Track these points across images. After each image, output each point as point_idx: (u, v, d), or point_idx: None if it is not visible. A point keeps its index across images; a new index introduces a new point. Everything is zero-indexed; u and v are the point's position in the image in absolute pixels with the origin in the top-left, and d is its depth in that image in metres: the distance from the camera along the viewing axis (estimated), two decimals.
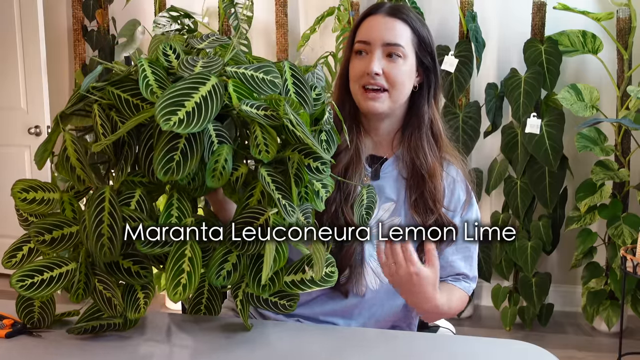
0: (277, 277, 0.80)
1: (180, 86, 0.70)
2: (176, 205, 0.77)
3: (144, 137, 0.77)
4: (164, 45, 0.80)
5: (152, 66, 0.75)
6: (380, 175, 1.12)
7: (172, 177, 0.71)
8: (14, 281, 0.77)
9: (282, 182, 0.77)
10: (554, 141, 2.61)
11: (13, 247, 0.83)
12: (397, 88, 1.07)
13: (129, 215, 0.76)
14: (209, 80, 0.72)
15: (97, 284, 0.81)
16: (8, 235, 3.45)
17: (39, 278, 0.78)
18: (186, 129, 0.68)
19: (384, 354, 0.86)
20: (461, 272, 1.14)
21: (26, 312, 0.87)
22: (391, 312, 1.13)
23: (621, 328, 2.27)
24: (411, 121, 1.12)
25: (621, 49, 2.62)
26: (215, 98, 0.71)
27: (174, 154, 0.71)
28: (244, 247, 0.77)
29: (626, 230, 2.52)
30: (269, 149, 0.75)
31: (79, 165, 0.80)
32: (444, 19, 2.87)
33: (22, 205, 0.81)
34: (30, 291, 0.77)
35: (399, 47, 1.06)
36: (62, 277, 0.79)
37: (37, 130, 3.24)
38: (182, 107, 0.68)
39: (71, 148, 0.79)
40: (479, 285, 3.02)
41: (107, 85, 0.77)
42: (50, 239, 0.79)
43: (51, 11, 3.43)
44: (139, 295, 0.82)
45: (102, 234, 0.75)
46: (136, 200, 0.78)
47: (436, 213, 1.08)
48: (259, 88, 0.78)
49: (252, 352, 0.85)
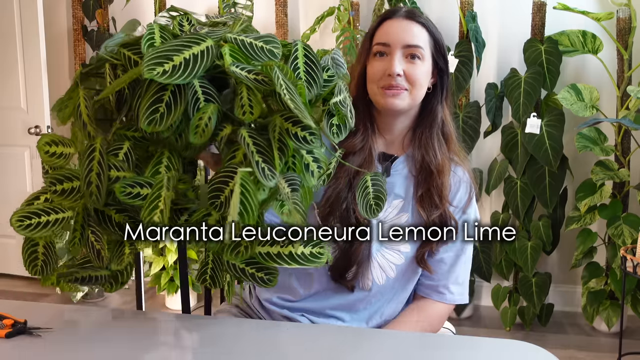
0: (251, 245, 0.79)
1: (174, 43, 0.73)
2: (165, 163, 0.81)
3: (137, 91, 0.80)
4: (181, 17, 0.84)
5: (162, 31, 0.79)
6: (391, 173, 1.13)
7: (156, 127, 0.74)
8: (14, 220, 0.82)
9: (264, 147, 0.77)
10: (554, 141, 2.61)
11: (33, 196, 0.88)
12: (417, 87, 1.09)
13: (114, 165, 0.80)
14: (204, 41, 0.75)
15: (90, 235, 0.85)
16: (8, 235, 3.47)
17: (36, 220, 0.82)
18: (168, 79, 0.71)
19: (384, 354, 0.86)
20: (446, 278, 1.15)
21: (31, 259, 0.89)
22: (396, 307, 1.16)
23: (621, 328, 2.27)
24: (424, 121, 1.15)
25: (621, 49, 2.62)
26: (205, 57, 0.74)
27: (159, 106, 0.74)
28: (221, 207, 0.77)
29: (626, 230, 2.52)
30: (253, 111, 0.77)
31: (89, 121, 0.84)
32: (444, 19, 2.87)
33: (45, 157, 0.86)
34: (27, 231, 0.82)
35: (419, 49, 1.09)
36: (58, 222, 0.83)
37: (37, 130, 3.23)
38: (169, 61, 0.72)
39: (83, 104, 0.84)
40: (479, 285, 3.02)
41: (119, 48, 0.82)
42: (61, 190, 0.84)
43: (51, 11, 3.43)
44: (126, 251, 0.87)
45: (91, 182, 0.79)
46: (124, 152, 0.82)
47: (441, 209, 1.10)
48: (256, 55, 0.80)
49: (251, 352, 0.85)
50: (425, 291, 1.17)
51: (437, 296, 1.16)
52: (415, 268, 1.14)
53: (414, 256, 1.12)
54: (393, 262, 1.11)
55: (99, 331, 0.90)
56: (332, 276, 1.11)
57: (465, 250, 1.16)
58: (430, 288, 1.16)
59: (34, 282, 3.39)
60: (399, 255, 1.11)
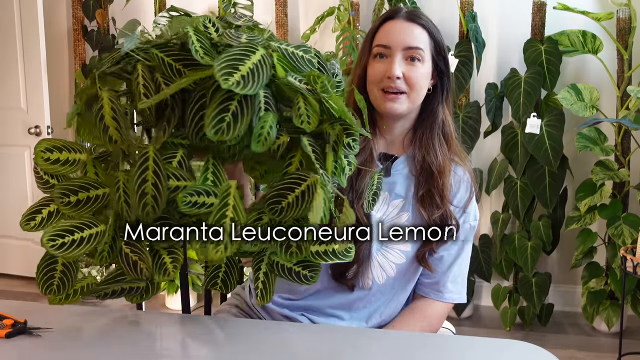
0: (304, 245, 0.82)
1: (234, 51, 0.73)
2: (211, 169, 0.79)
3: (193, 99, 0.78)
4: (204, 19, 0.82)
5: (198, 35, 0.77)
6: (392, 172, 1.14)
7: (222, 137, 0.73)
8: (45, 240, 0.76)
9: (319, 153, 0.80)
10: (554, 141, 2.61)
11: (31, 209, 0.82)
12: (416, 90, 1.10)
13: (172, 173, 0.77)
14: (257, 50, 0.75)
15: (124, 246, 0.81)
16: (8, 236, 3.47)
17: (69, 238, 0.77)
18: (243, 89, 0.71)
19: (384, 354, 0.86)
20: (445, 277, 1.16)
21: (47, 277, 0.84)
22: (396, 307, 1.16)
23: (621, 328, 2.27)
24: (424, 121, 1.15)
25: (621, 49, 2.62)
26: (265, 66, 0.74)
27: (225, 115, 0.73)
28: (281, 213, 0.78)
29: (626, 230, 2.52)
30: (310, 120, 0.78)
31: (114, 125, 0.79)
32: (444, 19, 2.87)
33: (44, 165, 0.80)
34: (61, 250, 0.77)
35: (419, 51, 1.09)
36: (92, 238, 0.79)
37: (37, 130, 3.23)
38: (237, 70, 0.71)
39: (108, 106, 0.79)
40: (479, 285, 3.02)
41: (151, 48, 0.79)
42: (75, 201, 0.79)
43: (51, 11, 3.43)
44: (166, 260, 0.83)
45: (146, 193, 0.75)
46: (177, 160, 0.79)
47: (442, 209, 1.11)
48: (299, 65, 0.81)
49: (251, 352, 0.85)
50: (424, 290, 1.17)
51: (436, 295, 1.16)
52: (416, 268, 1.14)
53: (415, 255, 1.12)
54: (393, 261, 1.12)
55: (99, 331, 0.90)
56: (332, 275, 1.11)
57: (464, 249, 1.17)
58: (428, 287, 1.17)
59: (34, 282, 3.40)
60: (400, 255, 1.12)
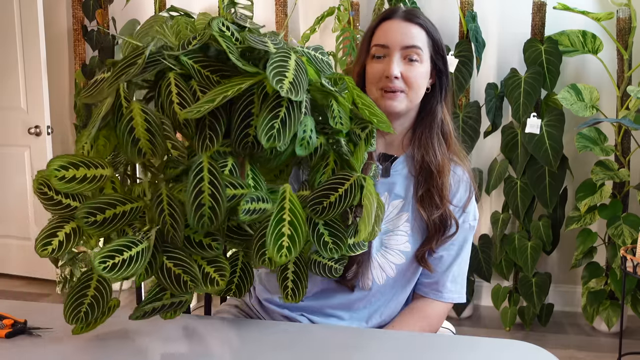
0: (342, 241, 0.82)
1: (276, 58, 0.73)
2: (251, 175, 0.80)
3: (239, 107, 0.77)
4: (219, 22, 0.80)
5: (227, 42, 0.77)
6: (391, 173, 1.14)
7: (274, 143, 0.73)
8: (97, 264, 0.72)
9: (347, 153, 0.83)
10: (554, 141, 2.61)
11: (45, 233, 0.77)
12: (414, 89, 1.10)
13: (230, 182, 0.75)
14: (291, 56, 0.75)
15: (166, 261, 0.78)
16: (8, 236, 3.47)
17: (119, 258, 0.74)
18: (296, 96, 0.72)
19: (384, 354, 0.86)
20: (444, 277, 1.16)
21: (76, 304, 0.81)
22: (396, 308, 1.16)
23: (621, 328, 2.27)
24: (423, 121, 1.15)
25: (621, 49, 2.62)
26: (302, 71, 0.75)
27: (275, 122, 0.74)
28: (322, 212, 0.80)
29: (626, 230, 2.52)
30: (343, 121, 0.81)
31: (146, 137, 0.75)
32: (444, 19, 2.87)
33: (59, 184, 0.74)
34: (114, 273, 0.73)
35: (417, 50, 1.09)
36: (139, 256, 0.75)
37: (37, 130, 3.23)
38: (285, 77, 0.72)
39: (140, 118, 0.74)
40: (479, 285, 3.02)
41: (181, 55, 0.76)
42: (102, 220, 0.76)
43: (51, 11, 3.43)
44: (208, 270, 0.80)
45: (203, 204, 0.73)
46: (229, 169, 0.77)
47: (442, 208, 1.11)
48: (321, 67, 0.82)
49: (251, 352, 0.85)
50: (423, 290, 1.17)
51: (435, 295, 1.16)
52: (415, 268, 1.14)
53: (414, 255, 1.12)
54: (393, 261, 1.12)
55: (99, 331, 0.90)
56: None
57: (463, 249, 1.17)
58: (428, 287, 1.17)
59: (34, 282, 3.40)
60: (399, 255, 1.12)
